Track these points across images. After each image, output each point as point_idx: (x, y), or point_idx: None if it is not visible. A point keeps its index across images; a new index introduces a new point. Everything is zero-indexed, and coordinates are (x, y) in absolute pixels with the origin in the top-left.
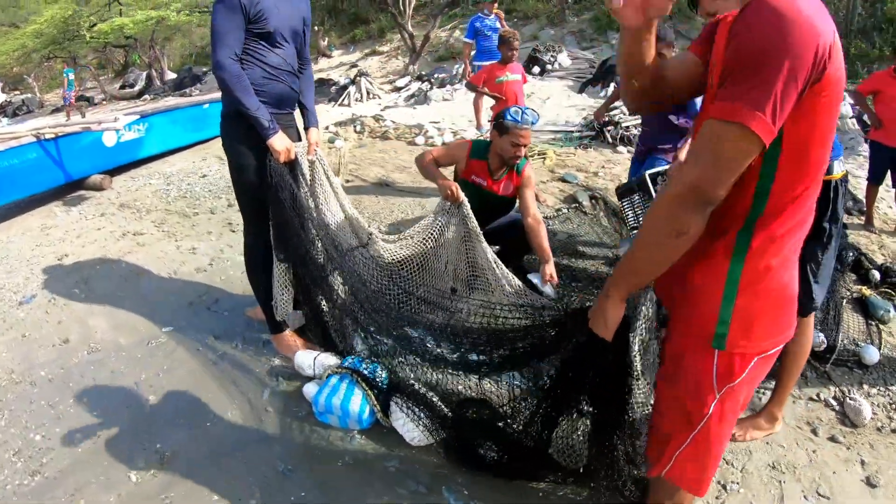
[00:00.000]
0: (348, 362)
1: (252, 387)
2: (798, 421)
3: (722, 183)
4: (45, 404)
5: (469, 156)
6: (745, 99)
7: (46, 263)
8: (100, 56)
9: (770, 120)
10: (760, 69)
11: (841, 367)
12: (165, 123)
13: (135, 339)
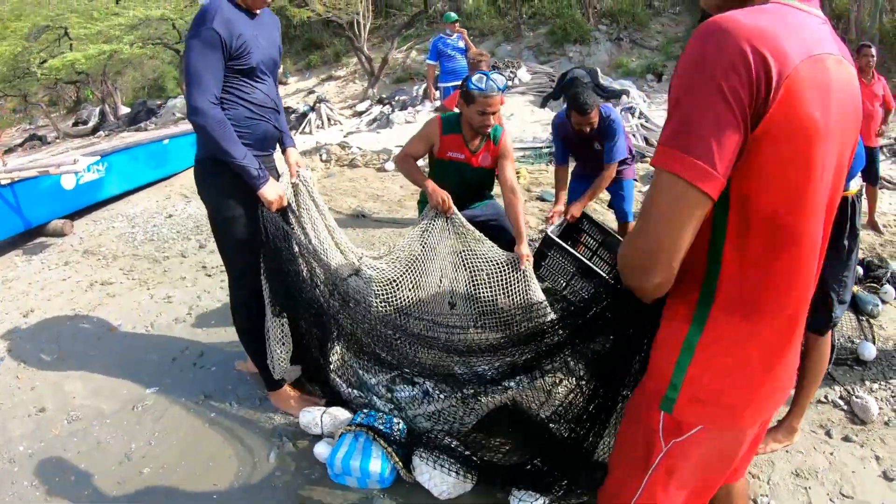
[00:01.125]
0: (361, 417)
1: (256, 450)
2: (812, 425)
3: (663, 245)
4: (28, 485)
5: (441, 132)
6: (671, 139)
7: (11, 321)
8: (51, 93)
9: (703, 161)
10: (682, 99)
11: (842, 366)
12: (125, 162)
13: (118, 405)
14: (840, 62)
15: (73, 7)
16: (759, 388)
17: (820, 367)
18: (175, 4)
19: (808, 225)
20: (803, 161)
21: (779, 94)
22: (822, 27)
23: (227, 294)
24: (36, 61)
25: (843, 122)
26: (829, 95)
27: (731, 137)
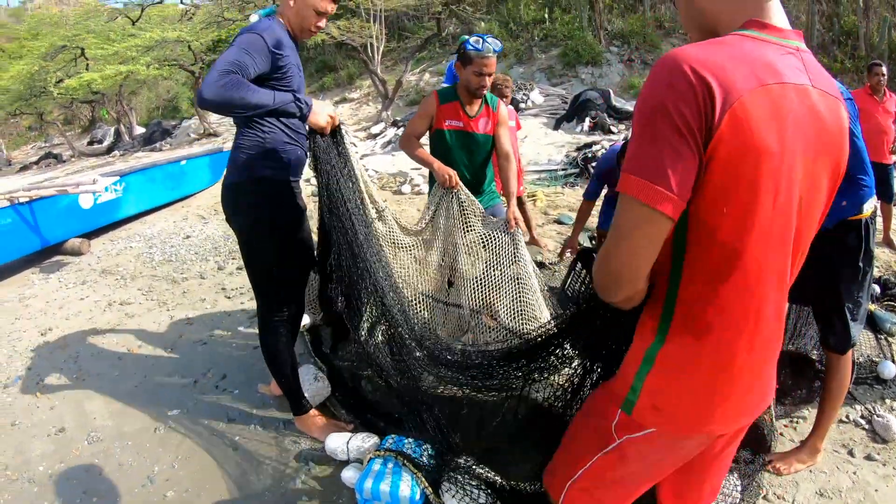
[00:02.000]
0: (389, 442)
1: (281, 474)
2: (834, 445)
3: (625, 264)
4: None
5: (438, 103)
6: (630, 164)
7: (29, 339)
8: (66, 112)
9: (658, 184)
10: (638, 126)
11: (861, 384)
12: (143, 182)
13: (140, 426)
14: (805, 92)
15: (90, 28)
16: (716, 404)
17: (842, 388)
18: (192, 27)
19: (755, 249)
20: (750, 185)
21: (723, 120)
22: (786, 57)
23: (249, 317)
24: (53, 80)
25: (806, 151)
26: (785, 124)
27: (685, 160)
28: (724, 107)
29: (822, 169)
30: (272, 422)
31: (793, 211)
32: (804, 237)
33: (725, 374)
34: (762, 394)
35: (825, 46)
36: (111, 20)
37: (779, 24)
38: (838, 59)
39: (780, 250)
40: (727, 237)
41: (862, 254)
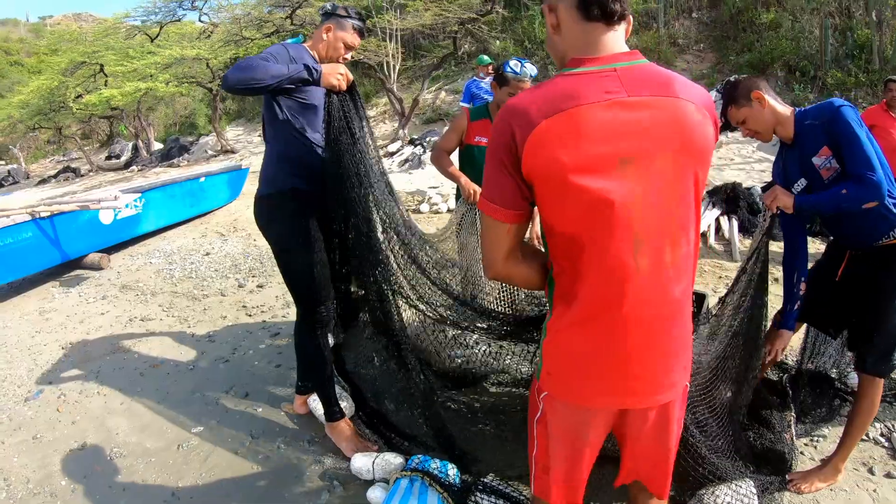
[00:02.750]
0: (415, 462)
1: (307, 492)
2: (854, 463)
3: (485, 254)
4: None
5: (469, 120)
6: (482, 188)
7: (50, 353)
8: (84, 126)
9: (492, 201)
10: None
11: (881, 402)
12: (162, 198)
13: (163, 443)
14: (613, 104)
15: (109, 45)
16: (590, 372)
17: (871, 412)
18: (210, 45)
19: (587, 233)
20: (561, 187)
21: (524, 149)
22: (596, 82)
23: (270, 335)
24: (72, 95)
25: (621, 152)
26: (580, 139)
27: (507, 182)
28: (523, 139)
29: (657, 155)
30: (297, 440)
31: (621, 198)
32: (673, 215)
33: (599, 348)
34: (648, 378)
35: (839, 60)
36: (130, 37)
37: (598, 55)
38: (852, 73)
39: (616, 233)
40: (561, 227)
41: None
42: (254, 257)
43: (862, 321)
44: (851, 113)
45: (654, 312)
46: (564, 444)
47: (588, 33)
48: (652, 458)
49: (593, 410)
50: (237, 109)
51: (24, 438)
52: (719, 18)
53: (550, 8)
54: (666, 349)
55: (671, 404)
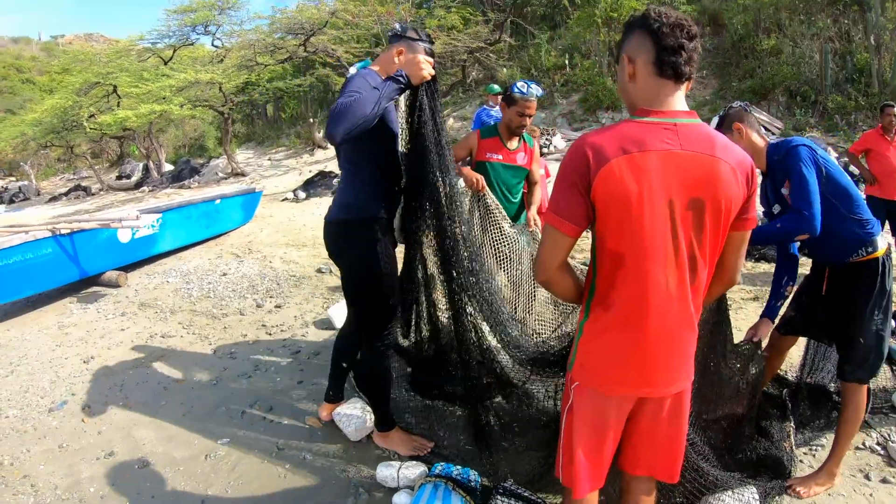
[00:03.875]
0: (438, 469)
1: (334, 500)
2: (851, 469)
3: (541, 258)
4: None
5: (480, 138)
6: (549, 202)
7: (72, 366)
8: (95, 146)
9: (559, 214)
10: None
11: (877, 413)
12: (179, 219)
13: (189, 453)
14: (669, 154)
15: (123, 66)
16: (618, 366)
17: (856, 416)
18: (223, 69)
19: (632, 254)
20: (620, 214)
21: (596, 178)
22: (659, 132)
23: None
24: (85, 115)
25: (670, 191)
26: (643, 176)
27: (576, 200)
28: (596, 169)
29: (695, 200)
30: (322, 451)
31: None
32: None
33: (627, 347)
34: (665, 373)
35: (839, 85)
36: (143, 60)
37: (664, 109)
38: (852, 97)
39: (655, 256)
40: (612, 245)
41: (877, 290)
42: (270, 278)
43: (841, 332)
44: (804, 152)
45: (675, 322)
46: (590, 428)
47: (659, 88)
48: (667, 445)
49: (616, 398)
50: (247, 133)
51: (50, 447)
52: (721, 45)
53: (630, 59)
54: (680, 350)
55: (683, 395)
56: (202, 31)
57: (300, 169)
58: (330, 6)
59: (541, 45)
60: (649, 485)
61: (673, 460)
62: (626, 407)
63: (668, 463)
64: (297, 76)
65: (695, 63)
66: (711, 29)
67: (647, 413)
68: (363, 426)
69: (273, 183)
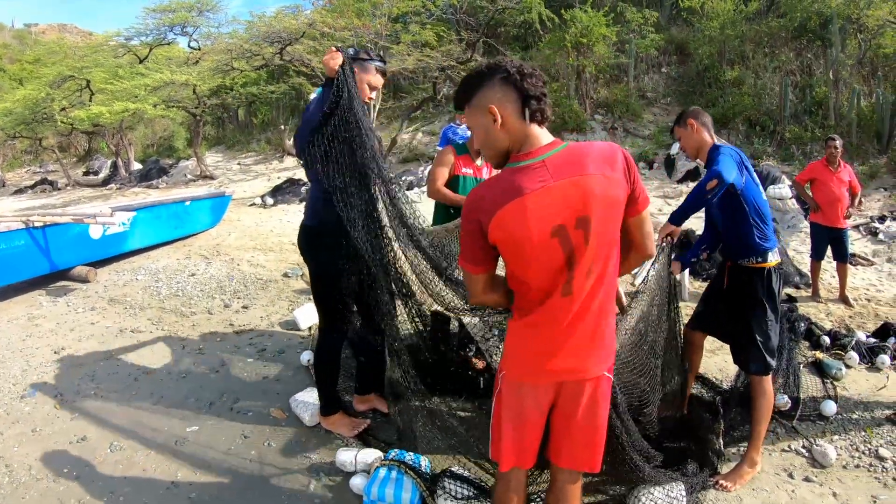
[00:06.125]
0: (393, 454)
1: (296, 483)
2: (775, 468)
3: (471, 295)
4: (76, 502)
5: (455, 154)
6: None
7: (43, 356)
8: (63, 140)
9: (467, 261)
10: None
11: (805, 421)
12: (149, 218)
13: (160, 439)
14: (544, 189)
15: (98, 61)
16: (531, 360)
17: (766, 405)
18: (199, 71)
19: (526, 278)
20: (514, 252)
21: (488, 229)
22: (531, 174)
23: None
24: (57, 108)
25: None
26: (526, 215)
27: (478, 246)
28: (487, 221)
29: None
30: (286, 440)
31: (554, 256)
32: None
33: (538, 341)
34: (577, 361)
35: (798, 116)
36: (118, 56)
37: (531, 150)
38: (809, 128)
39: (542, 275)
40: (514, 273)
41: (765, 298)
42: (238, 280)
43: (738, 329)
44: (728, 149)
45: (580, 320)
46: (512, 412)
47: (527, 133)
48: (585, 435)
49: (536, 385)
50: (217, 136)
51: (23, 431)
52: (686, 74)
53: (496, 109)
54: (589, 343)
55: (599, 384)
56: (179, 31)
57: (269, 175)
58: (308, 17)
59: None
60: (572, 476)
61: (593, 450)
62: (544, 396)
63: (588, 454)
64: (271, 83)
65: (549, 107)
66: (678, 58)
67: (564, 402)
68: (318, 412)
69: (242, 187)
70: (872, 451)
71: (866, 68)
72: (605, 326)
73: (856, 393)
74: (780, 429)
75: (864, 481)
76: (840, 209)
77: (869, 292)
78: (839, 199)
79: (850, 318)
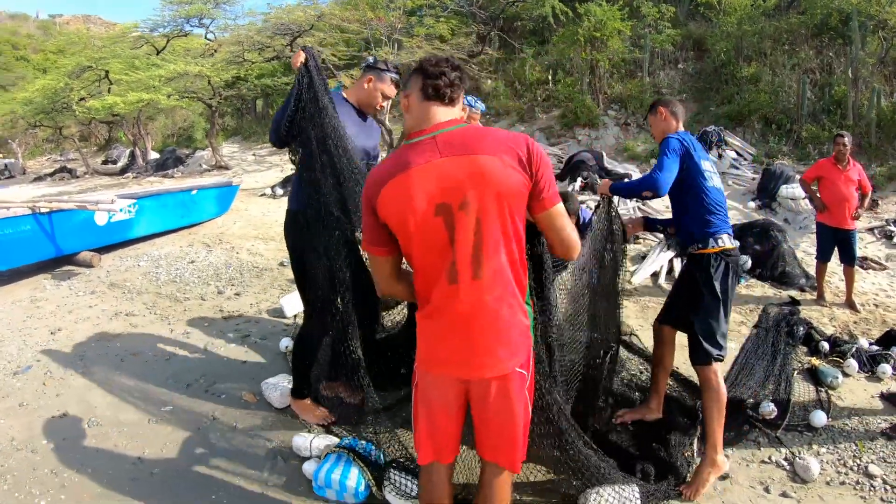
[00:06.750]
0: (345, 442)
1: (254, 464)
2: (751, 481)
3: (375, 277)
4: (49, 472)
5: None
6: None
7: (39, 336)
8: (84, 129)
9: (368, 243)
10: None
11: (792, 431)
12: (155, 207)
13: (135, 417)
14: (431, 165)
15: (115, 53)
16: (436, 351)
17: (710, 396)
18: (213, 63)
19: (415, 259)
20: (401, 230)
21: (377, 205)
22: (422, 148)
23: (241, 336)
24: (75, 98)
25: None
26: (411, 193)
27: (374, 227)
28: (375, 197)
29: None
30: (251, 422)
31: (438, 235)
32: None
33: (436, 334)
34: (476, 357)
35: (815, 115)
36: (136, 47)
37: (428, 127)
38: (826, 127)
39: (429, 255)
40: (407, 253)
41: (704, 284)
42: (234, 268)
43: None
44: (673, 141)
45: (472, 312)
46: (427, 405)
47: (425, 110)
48: (500, 431)
49: (444, 379)
50: (234, 127)
51: (12, 405)
52: (704, 70)
53: (406, 95)
54: (488, 338)
55: (508, 382)
56: (196, 23)
57: (282, 166)
58: (324, 6)
59: (525, 60)
60: (496, 470)
61: (510, 448)
62: (452, 389)
63: (506, 450)
64: (286, 74)
65: (457, 89)
66: (695, 54)
67: (475, 398)
68: (286, 396)
69: (255, 178)
70: (861, 468)
71: (889, 67)
72: (509, 324)
73: (852, 403)
74: (762, 438)
75: (848, 500)
76: (848, 209)
77: (878, 297)
78: (847, 198)
79: (855, 324)
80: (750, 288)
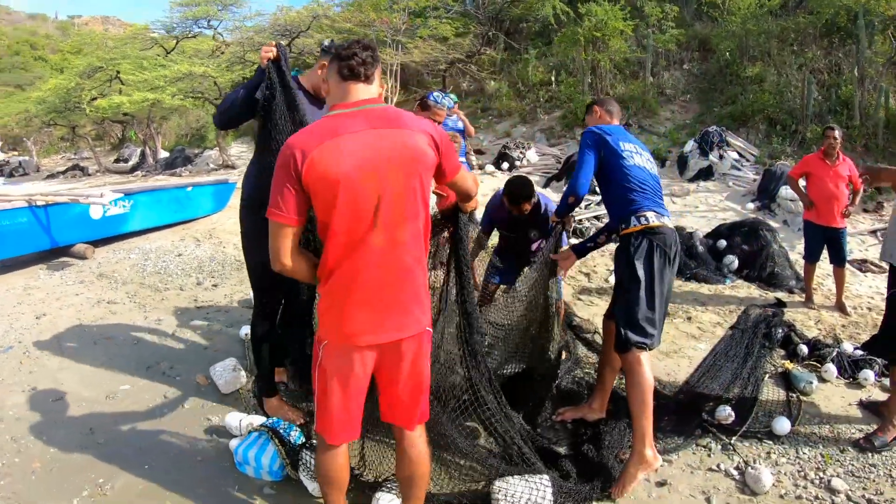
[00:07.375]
0: (270, 421)
1: (190, 440)
2: (693, 490)
3: (273, 251)
4: (10, 438)
5: None
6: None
7: (26, 320)
8: (98, 128)
9: (277, 209)
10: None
11: (751, 438)
12: (149, 202)
13: (95, 393)
14: (361, 134)
15: (126, 53)
16: (341, 320)
17: (633, 385)
18: (217, 63)
19: (337, 224)
20: (324, 192)
21: (304, 168)
22: (349, 119)
23: (207, 324)
24: (87, 98)
25: (365, 166)
26: (341, 158)
27: (290, 194)
28: (302, 162)
29: (392, 167)
30: (198, 403)
31: (365, 199)
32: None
33: (341, 300)
34: (392, 318)
35: (822, 115)
36: (147, 48)
37: (351, 101)
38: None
39: (353, 219)
40: (325, 219)
41: (624, 266)
42: (218, 261)
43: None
44: (587, 136)
45: (389, 275)
46: (337, 379)
47: (344, 88)
48: (411, 391)
49: (356, 348)
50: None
51: None
52: (708, 71)
53: (324, 80)
54: (407, 299)
55: (421, 340)
56: (205, 24)
57: None
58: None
59: (528, 61)
60: (412, 435)
61: (423, 404)
62: (369, 359)
63: (410, 411)
64: None
65: (370, 66)
66: (700, 54)
67: (387, 363)
68: (232, 380)
69: None
70: (824, 482)
71: None
72: (422, 285)
73: (825, 411)
74: (714, 444)
75: None
76: (837, 207)
77: (873, 301)
78: (836, 195)
79: (843, 328)
80: (735, 289)
